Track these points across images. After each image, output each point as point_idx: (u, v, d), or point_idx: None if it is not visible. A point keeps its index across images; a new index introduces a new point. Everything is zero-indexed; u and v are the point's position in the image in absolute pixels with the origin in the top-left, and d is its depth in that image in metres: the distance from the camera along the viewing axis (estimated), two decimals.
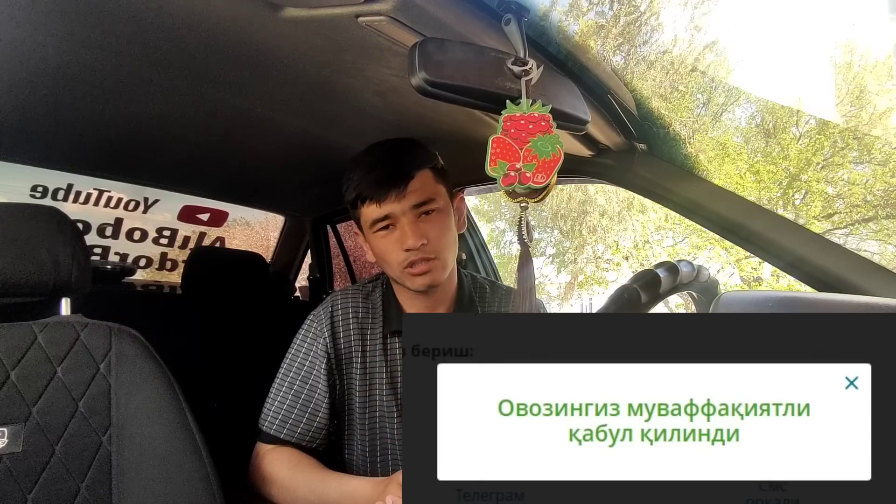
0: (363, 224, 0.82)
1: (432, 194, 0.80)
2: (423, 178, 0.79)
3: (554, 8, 0.65)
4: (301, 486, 0.76)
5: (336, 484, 0.75)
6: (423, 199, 0.78)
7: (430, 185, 0.80)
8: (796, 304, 0.54)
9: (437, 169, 0.82)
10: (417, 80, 0.52)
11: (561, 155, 0.54)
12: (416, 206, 0.78)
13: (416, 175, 0.78)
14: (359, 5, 0.59)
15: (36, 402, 0.65)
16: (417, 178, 0.78)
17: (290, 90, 0.87)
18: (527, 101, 0.55)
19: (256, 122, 1.03)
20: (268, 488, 0.78)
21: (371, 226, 0.80)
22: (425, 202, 0.79)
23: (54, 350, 0.68)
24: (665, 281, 0.57)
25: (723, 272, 8.01)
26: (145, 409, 0.70)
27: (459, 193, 0.88)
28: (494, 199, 10.62)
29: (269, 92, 0.88)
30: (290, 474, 0.77)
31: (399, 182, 0.77)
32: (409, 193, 0.77)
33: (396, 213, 0.78)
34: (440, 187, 0.82)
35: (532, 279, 0.58)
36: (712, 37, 5.68)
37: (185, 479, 0.68)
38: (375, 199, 0.77)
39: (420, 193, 0.78)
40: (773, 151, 7.08)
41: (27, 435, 0.64)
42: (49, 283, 0.69)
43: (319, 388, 0.83)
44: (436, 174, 0.82)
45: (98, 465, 0.66)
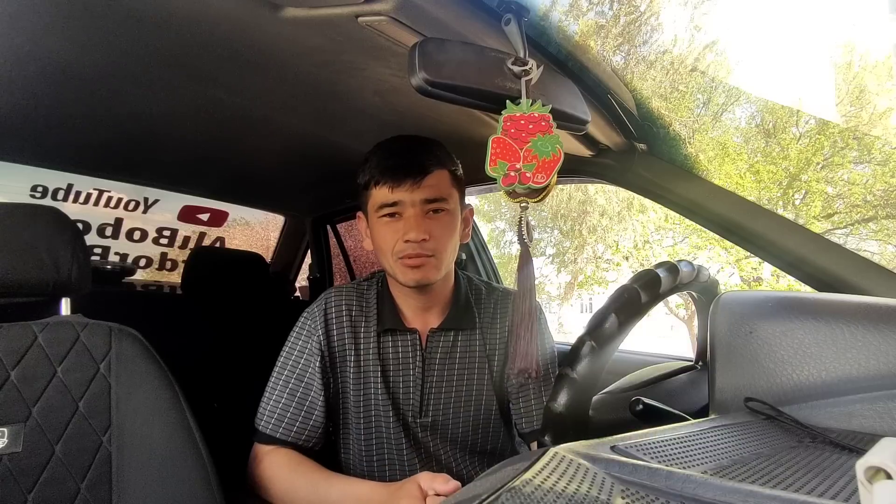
0: (370, 207, 0.82)
1: (445, 195, 0.80)
2: (440, 176, 0.80)
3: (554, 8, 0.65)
4: (302, 486, 0.76)
5: (340, 485, 0.74)
6: (435, 195, 0.79)
7: (445, 185, 0.81)
8: (796, 304, 0.55)
9: (454, 174, 0.83)
10: (417, 80, 0.52)
11: (561, 155, 0.54)
12: (426, 201, 0.79)
13: (434, 172, 0.79)
14: (359, 5, 0.59)
15: (36, 402, 0.65)
16: (434, 175, 0.79)
17: (290, 90, 0.87)
18: (527, 101, 0.55)
19: (256, 122, 1.03)
20: (267, 489, 0.78)
21: (378, 209, 0.80)
22: (436, 200, 0.79)
23: (54, 350, 0.68)
24: (665, 281, 0.57)
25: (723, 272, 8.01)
26: (145, 409, 0.70)
27: (469, 206, 0.89)
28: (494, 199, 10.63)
29: (269, 92, 0.88)
30: (291, 475, 0.77)
31: (416, 173, 0.78)
32: (424, 187, 0.78)
33: (406, 203, 0.78)
34: (454, 191, 0.83)
35: (532, 279, 0.58)
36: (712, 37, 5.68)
37: (185, 479, 0.68)
38: (389, 184, 0.78)
39: (434, 190, 0.79)
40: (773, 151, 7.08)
41: (27, 435, 0.64)
42: (49, 283, 0.69)
43: (314, 387, 0.83)
44: (452, 178, 0.83)
45: (98, 465, 0.66)
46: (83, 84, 0.85)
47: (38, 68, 0.80)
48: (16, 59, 0.77)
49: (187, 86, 0.86)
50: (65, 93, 0.89)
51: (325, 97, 0.89)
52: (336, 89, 0.85)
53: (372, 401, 0.85)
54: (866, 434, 0.46)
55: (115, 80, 0.84)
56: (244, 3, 0.62)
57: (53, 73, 0.82)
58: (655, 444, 0.40)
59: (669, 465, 0.36)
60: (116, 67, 0.80)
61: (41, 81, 0.84)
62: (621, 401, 0.63)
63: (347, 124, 1.02)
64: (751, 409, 0.51)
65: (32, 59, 0.77)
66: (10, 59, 0.77)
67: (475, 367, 0.88)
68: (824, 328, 0.51)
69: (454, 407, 0.86)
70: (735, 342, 0.54)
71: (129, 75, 0.83)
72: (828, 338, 0.50)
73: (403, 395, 0.85)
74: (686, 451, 0.40)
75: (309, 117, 1.00)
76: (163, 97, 0.91)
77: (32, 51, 0.75)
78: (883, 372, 0.47)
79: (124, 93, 0.89)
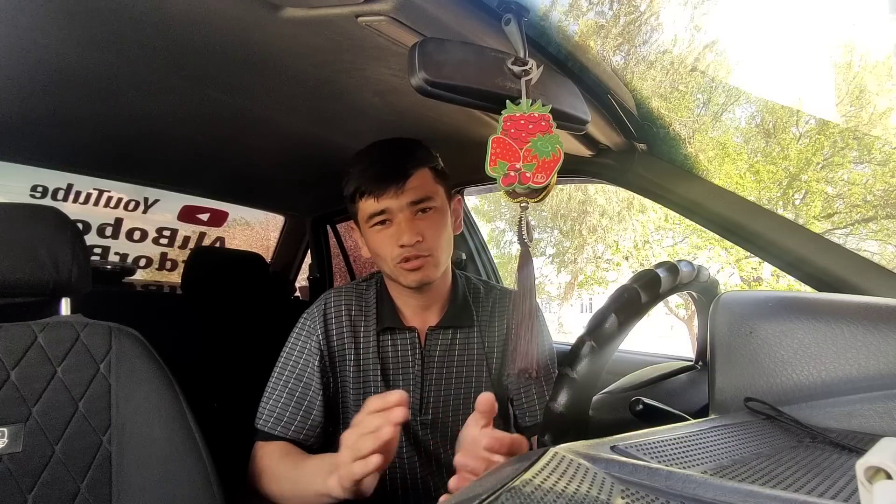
0: (360, 218, 0.83)
1: (430, 193, 0.81)
2: (422, 176, 0.80)
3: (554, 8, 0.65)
4: (285, 473, 0.76)
5: (317, 459, 0.74)
6: (420, 196, 0.80)
7: (429, 183, 0.81)
8: (796, 304, 0.55)
9: (436, 169, 0.84)
10: (417, 80, 0.52)
11: (561, 155, 0.54)
12: (413, 204, 0.79)
13: (415, 173, 0.80)
14: (359, 5, 0.59)
15: (36, 402, 0.65)
16: (416, 177, 0.80)
17: (290, 90, 0.87)
18: (527, 101, 0.55)
19: (256, 122, 1.03)
20: (260, 481, 0.79)
21: (368, 220, 0.81)
22: (422, 200, 0.80)
23: (54, 350, 0.68)
24: (665, 281, 0.57)
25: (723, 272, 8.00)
26: (145, 409, 0.70)
27: (457, 195, 0.89)
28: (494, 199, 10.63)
29: (269, 92, 0.88)
30: (277, 464, 0.78)
31: (398, 178, 0.78)
32: (408, 190, 0.79)
33: (393, 209, 0.79)
34: (438, 187, 0.83)
35: (532, 279, 0.58)
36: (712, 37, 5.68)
37: (185, 479, 0.68)
38: (374, 194, 0.79)
39: (418, 191, 0.79)
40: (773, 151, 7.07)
41: (27, 435, 0.64)
42: (49, 283, 0.69)
43: (314, 386, 0.83)
44: (435, 174, 0.83)
45: (98, 465, 0.66)
46: (83, 84, 0.85)
47: (38, 68, 0.80)
48: (16, 59, 0.77)
49: (187, 86, 0.86)
50: (65, 93, 0.89)
51: (324, 97, 0.89)
52: (336, 89, 0.85)
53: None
54: (866, 434, 0.46)
55: (115, 80, 0.84)
56: (244, 3, 0.62)
57: (53, 73, 0.82)
58: (655, 444, 0.40)
59: (669, 465, 0.36)
60: (116, 67, 0.80)
61: (41, 81, 0.84)
62: (621, 401, 0.63)
63: (347, 124, 1.02)
64: (751, 409, 0.51)
65: (32, 59, 0.77)
66: (10, 59, 0.77)
67: (473, 364, 0.89)
68: (824, 328, 0.51)
69: (454, 404, 0.87)
70: (735, 342, 0.54)
71: (129, 75, 0.83)
72: (828, 338, 0.50)
73: None
74: (686, 451, 0.40)
75: (309, 117, 1.00)
76: (163, 97, 0.91)
77: (32, 51, 0.75)
78: (883, 372, 0.47)
79: (124, 93, 0.89)
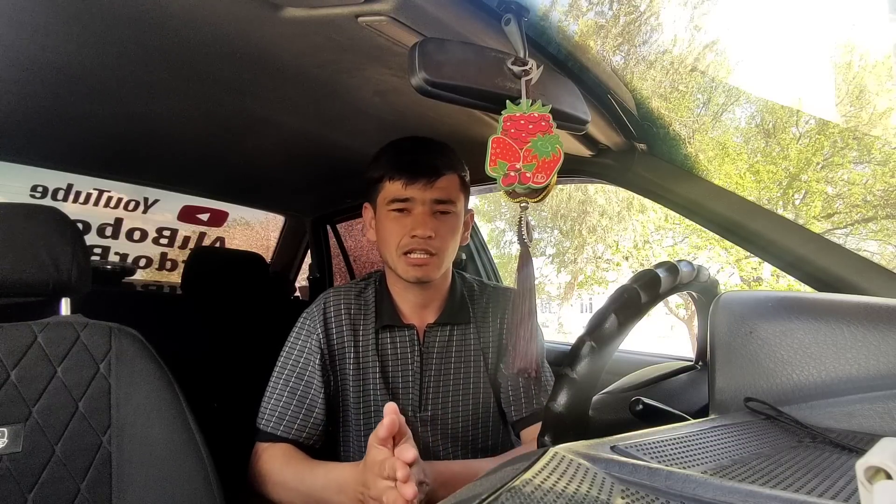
0: (380, 200, 0.85)
1: (453, 198, 0.84)
2: (451, 180, 0.84)
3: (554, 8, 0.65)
4: (291, 478, 0.77)
5: (323, 472, 0.75)
6: (444, 197, 0.82)
7: (455, 189, 0.84)
8: (796, 304, 0.55)
9: (463, 179, 0.87)
10: (417, 80, 0.52)
11: (561, 155, 0.54)
12: (436, 202, 0.82)
13: (446, 174, 0.83)
14: (359, 5, 0.59)
15: (36, 402, 0.65)
16: (446, 178, 0.83)
17: (290, 90, 0.87)
18: (527, 101, 0.55)
19: (256, 122, 1.03)
20: (263, 485, 0.79)
21: (389, 203, 0.83)
22: (445, 202, 0.83)
23: (54, 350, 0.68)
24: (665, 281, 0.57)
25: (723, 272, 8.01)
26: (145, 409, 0.70)
27: (471, 211, 0.93)
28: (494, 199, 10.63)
29: (269, 92, 0.89)
30: (283, 469, 0.78)
31: (430, 174, 0.81)
32: (436, 188, 0.82)
33: (417, 200, 0.82)
34: (461, 195, 0.86)
35: (532, 279, 0.58)
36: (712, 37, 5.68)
37: (185, 479, 0.68)
38: (403, 180, 0.81)
39: (444, 192, 0.82)
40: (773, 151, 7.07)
41: (27, 435, 0.64)
42: (49, 283, 0.69)
43: (315, 384, 0.84)
44: (461, 183, 0.86)
45: (98, 465, 0.66)
46: (83, 84, 0.85)
47: (38, 68, 0.80)
48: (16, 59, 0.77)
49: (187, 86, 0.86)
50: (65, 93, 0.89)
51: (325, 97, 0.89)
52: (336, 89, 0.85)
53: (371, 397, 0.85)
54: (866, 434, 0.46)
55: (115, 80, 0.84)
56: (244, 3, 0.62)
57: (53, 73, 0.82)
58: (655, 444, 0.40)
59: (669, 465, 0.36)
60: (116, 67, 0.80)
61: (41, 81, 0.84)
62: (621, 401, 0.63)
63: (347, 124, 1.02)
64: (751, 409, 0.51)
65: (32, 59, 0.77)
66: (10, 59, 0.77)
67: (471, 360, 0.90)
68: (824, 328, 0.51)
69: (453, 400, 0.87)
70: (735, 342, 0.54)
71: (130, 75, 0.83)
72: (828, 338, 0.50)
73: (402, 390, 0.86)
74: (686, 451, 0.40)
75: (309, 117, 1.00)
76: (163, 97, 0.91)
77: (32, 51, 0.75)
78: (883, 372, 0.47)
79: (124, 93, 0.89)
